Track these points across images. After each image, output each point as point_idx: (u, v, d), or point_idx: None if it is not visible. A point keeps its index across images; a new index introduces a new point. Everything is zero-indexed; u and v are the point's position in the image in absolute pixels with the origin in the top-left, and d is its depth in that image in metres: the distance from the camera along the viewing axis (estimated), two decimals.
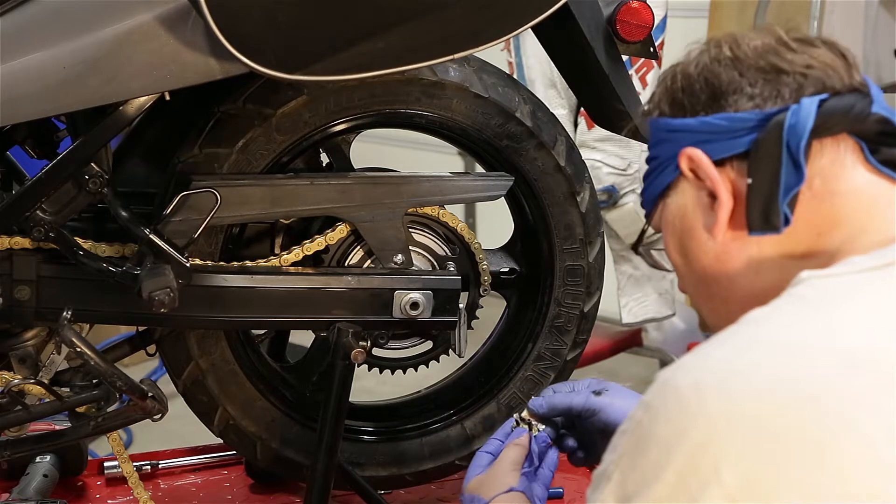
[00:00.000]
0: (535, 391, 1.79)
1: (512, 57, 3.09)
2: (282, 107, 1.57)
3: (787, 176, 0.90)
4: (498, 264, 1.79)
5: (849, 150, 0.92)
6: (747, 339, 0.83)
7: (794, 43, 0.94)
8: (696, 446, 0.78)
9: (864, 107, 0.91)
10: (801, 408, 0.76)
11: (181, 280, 1.49)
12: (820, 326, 0.81)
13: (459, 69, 1.64)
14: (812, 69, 0.92)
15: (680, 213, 1.00)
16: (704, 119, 0.95)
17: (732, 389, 0.78)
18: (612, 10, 1.57)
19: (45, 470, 1.85)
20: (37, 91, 1.35)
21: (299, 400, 1.77)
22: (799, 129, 0.89)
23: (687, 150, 0.96)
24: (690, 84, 0.96)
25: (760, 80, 0.93)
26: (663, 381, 0.83)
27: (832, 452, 0.75)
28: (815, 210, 0.92)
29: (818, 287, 0.86)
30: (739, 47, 0.94)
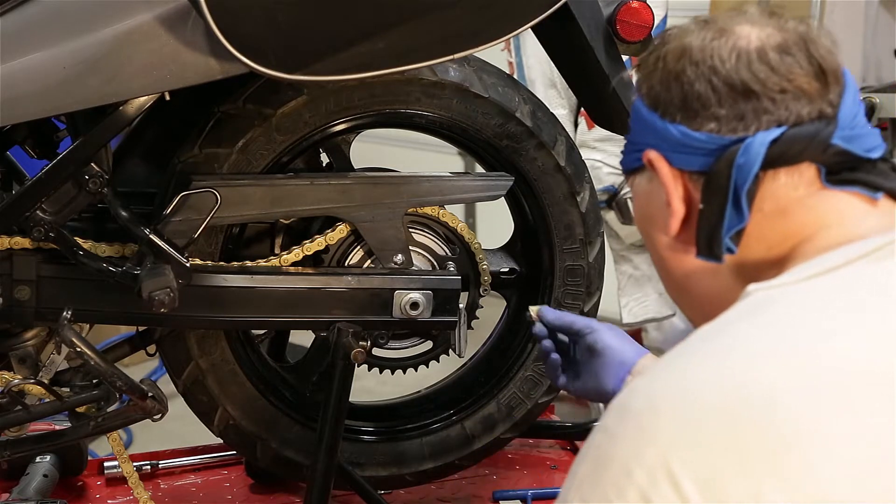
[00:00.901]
0: (535, 391, 1.80)
1: (512, 57, 3.09)
2: (282, 107, 1.57)
3: (731, 215, 0.92)
4: (498, 264, 1.79)
5: (804, 173, 0.93)
6: (697, 356, 0.85)
7: (775, 54, 0.92)
8: (655, 464, 0.79)
9: (824, 137, 0.91)
10: (752, 419, 0.78)
11: (181, 280, 1.49)
12: (766, 337, 0.83)
13: (459, 69, 1.64)
14: (784, 93, 0.92)
15: (645, 197, 1.02)
16: (669, 125, 0.95)
17: (685, 406, 0.80)
18: (612, 10, 1.57)
19: (45, 470, 1.85)
20: (37, 91, 1.35)
21: (299, 400, 1.77)
22: (745, 171, 0.91)
23: (649, 153, 0.97)
24: (667, 81, 0.96)
25: (729, 100, 0.92)
26: (618, 404, 0.84)
27: (784, 460, 0.77)
28: (766, 227, 0.93)
29: (765, 298, 0.87)
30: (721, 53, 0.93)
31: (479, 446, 1.82)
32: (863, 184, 0.93)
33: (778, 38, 0.93)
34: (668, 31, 0.99)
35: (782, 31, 0.93)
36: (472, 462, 1.84)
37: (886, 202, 0.94)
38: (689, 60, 0.94)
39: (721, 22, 0.95)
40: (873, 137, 0.95)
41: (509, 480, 1.97)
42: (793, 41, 0.93)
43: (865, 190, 0.93)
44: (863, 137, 0.94)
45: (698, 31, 0.95)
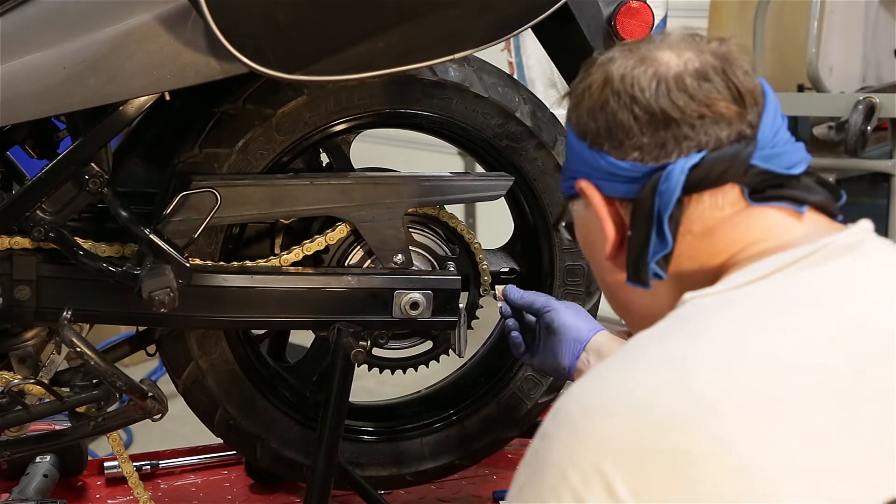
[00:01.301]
0: (535, 391, 1.80)
1: (512, 57, 3.09)
2: (282, 107, 1.57)
3: (655, 241, 0.95)
4: (498, 264, 1.79)
5: (728, 193, 0.95)
6: (631, 361, 0.87)
7: (693, 80, 0.94)
8: (588, 467, 0.81)
9: (744, 159, 0.94)
10: (680, 424, 0.80)
11: (181, 280, 1.49)
12: (699, 343, 0.85)
13: (459, 69, 1.64)
14: (703, 119, 0.94)
15: (583, 222, 1.05)
16: (596, 154, 0.98)
17: (618, 411, 0.82)
18: (612, 10, 1.58)
19: (45, 470, 1.85)
20: (37, 91, 1.35)
21: (299, 400, 1.77)
22: (666, 197, 0.93)
23: (580, 182, 1.00)
24: (593, 111, 0.98)
25: (651, 128, 0.95)
26: (556, 409, 0.86)
27: (710, 466, 0.78)
28: (698, 247, 0.96)
29: (699, 306, 0.90)
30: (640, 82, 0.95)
31: (479, 446, 1.82)
32: (787, 199, 0.95)
33: (696, 64, 0.95)
34: (594, 58, 1.02)
35: (701, 56, 0.96)
36: (472, 462, 1.84)
37: (812, 214, 0.96)
38: (611, 90, 0.97)
39: (643, 49, 0.98)
40: (796, 153, 0.97)
41: (509, 480, 1.95)
42: (711, 66, 0.95)
43: (790, 204, 0.95)
44: (784, 155, 0.96)
45: (621, 59, 0.98)
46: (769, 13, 3.79)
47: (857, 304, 0.88)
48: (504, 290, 1.56)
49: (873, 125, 3.38)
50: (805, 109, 3.86)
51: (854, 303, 0.88)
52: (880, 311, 0.88)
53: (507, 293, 1.55)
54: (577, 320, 1.46)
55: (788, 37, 4.14)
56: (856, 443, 0.81)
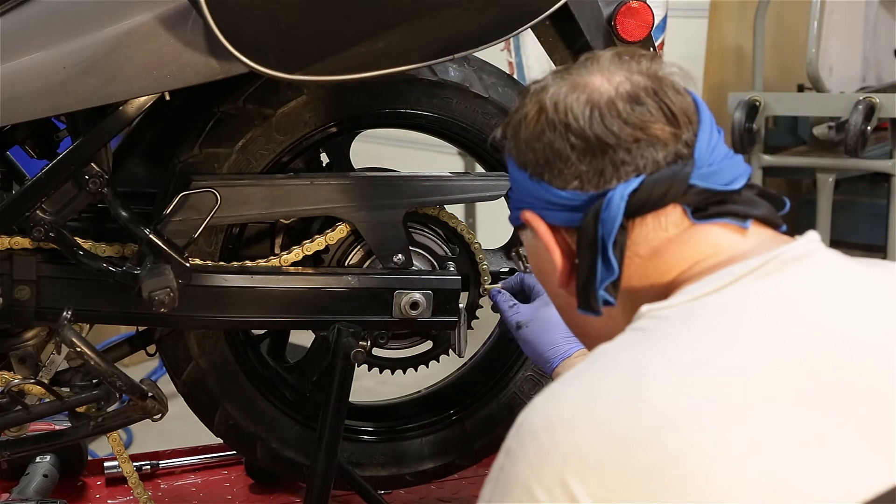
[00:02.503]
0: (535, 391, 1.80)
1: (512, 57, 3.09)
2: (282, 107, 1.57)
3: (602, 270, 0.95)
4: (498, 264, 1.79)
5: (670, 214, 0.96)
6: (592, 375, 0.87)
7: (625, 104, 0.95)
8: (552, 481, 0.82)
9: (682, 179, 0.94)
10: (640, 438, 0.80)
11: (181, 280, 1.49)
12: (657, 356, 0.86)
13: (459, 69, 1.64)
14: (638, 143, 0.94)
15: (533, 251, 1.05)
16: (537, 185, 0.98)
17: (580, 426, 0.83)
18: (612, 9, 1.57)
19: (45, 470, 1.85)
20: (37, 91, 1.35)
21: (299, 400, 1.77)
22: (609, 224, 0.94)
23: (525, 213, 1.00)
24: (530, 141, 0.98)
25: (588, 156, 0.95)
26: (519, 424, 0.87)
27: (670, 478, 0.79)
28: (645, 268, 0.97)
29: (656, 318, 0.91)
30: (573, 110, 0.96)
31: (479, 446, 1.82)
32: (730, 214, 0.96)
33: (627, 87, 0.96)
34: (528, 87, 1.02)
35: (632, 78, 0.96)
36: (472, 462, 1.84)
37: (757, 228, 0.97)
38: (546, 119, 0.97)
39: (575, 74, 0.98)
40: (734, 168, 0.97)
41: None
42: (642, 87, 0.95)
43: (734, 220, 0.96)
44: (722, 171, 0.96)
45: (554, 87, 0.98)
46: (769, 13, 3.79)
47: (813, 312, 0.88)
48: (490, 294, 1.58)
49: (873, 125, 3.39)
50: (805, 109, 3.86)
51: (809, 311, 0.88)
52: (835, 318, 0.88)
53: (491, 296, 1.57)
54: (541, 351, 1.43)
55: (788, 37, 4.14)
56: (817, 450, 0.81)
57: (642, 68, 0.97)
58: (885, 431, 0.83)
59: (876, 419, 0.83)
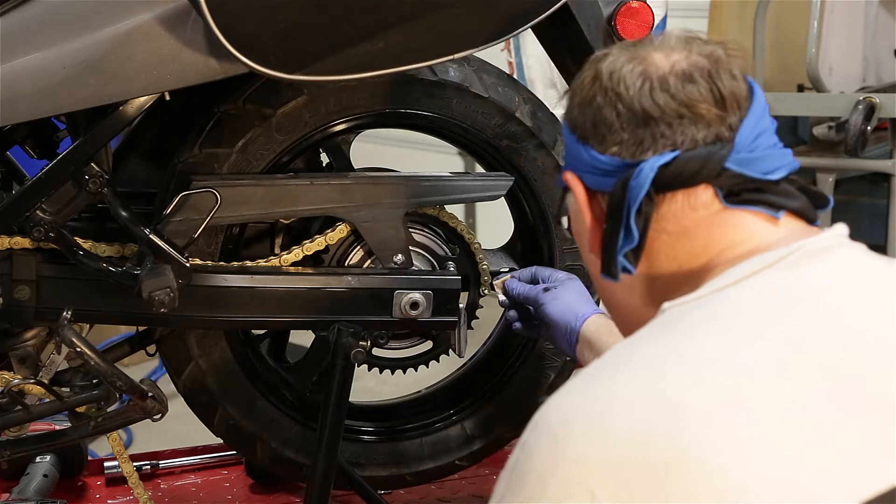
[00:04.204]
0: (536, 391, 1.80)
1: (512, 57, 3.09)
2: (282, 107, 1.57)
3: (623, 236, 0.97)
4: (498, 264, 1.79)
5: (701, 195, 0.96)
6: (611, 373, 0.88)
7: (676, 80, 0.96)
8: (567, 475, 0.82)
9: (717, 162, 0.95)
10: (657, 434, 0.81)
11: (181, 280, 1.49)
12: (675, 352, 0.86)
13: (459, 69, 1.64)
14: (681, 119, 0.95)
15: (573, 215, 1.07)
16: (582, 148, 1.00)
17: (597, 423, 0.83)
18: (612, 10, 1.58)
19: (45, 470, 1.85)
20: (37, 91, 1.35)
21: (299, 400, 1.77)
22: (634, 193, 0.95)
23: (567, 174, 1.03)
24: (582, 105, 1.01)
25: (631, 125, 0.96)
26: (536, 421, 0.88)
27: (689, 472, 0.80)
28: (672, 246, 0.97)
29: (678, 314, 0.91)
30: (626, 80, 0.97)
31: (479, 446, 1.82)
32: (763, 203, 0.96)
33: (683, 65, 0.96)
34: (596, 55, 1.03)
35: (690, 58, 0.97)
36: (472, 462, 1.84)
37: (788, 219, 0.97)
38: (599, 86, 0.99)
39: (638, 48, 1.00)
40: (778, 158, 0.98)
41: None
42: (698, 68, 0.96)
43: (766, 209, 0.96)
44: (763, 160, 0.96)
45: (614, 57, 1.00)
46: (769, 13, 3.79)
47: (830, 307, 0.88)
48: (504, 284, 1.62)
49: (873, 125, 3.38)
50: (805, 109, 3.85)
51: (827, 306, 0.88)
52: (852, 314, 0.88)
53: (508, 286, 1.62)
54: (565, 312, 1.50)
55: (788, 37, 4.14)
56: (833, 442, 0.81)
57: (704, 50, 0.98)
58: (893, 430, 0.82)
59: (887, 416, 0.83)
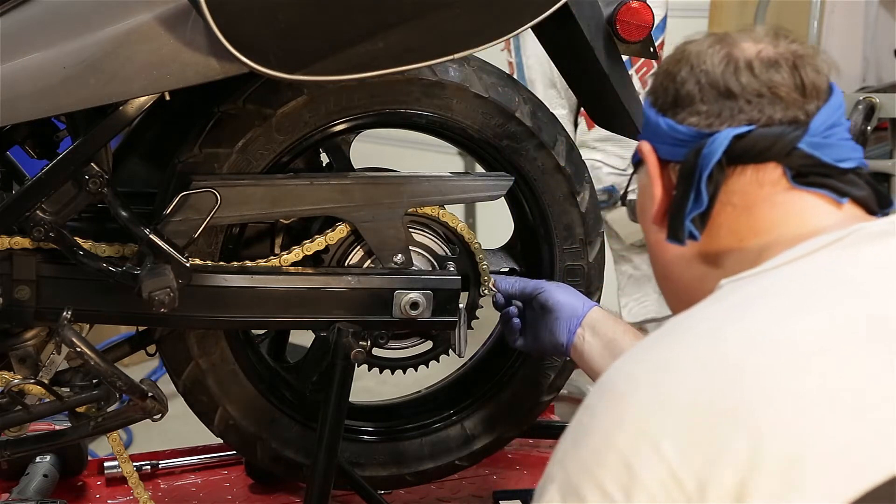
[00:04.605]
0: (536, 391, 1.80)
1: (512, 57, 3.09)
2: (282, 107, 1.57)
3: (692, 200, 1.01)
4: (498, 264, 1.79)
5: (770, 173, 1.00)
6: (671, 339, 0.91)
7: (761, 65, 1.00)
8: (634, 429, 0.85)
9: (790, 141, 0.98)
10: (721, 385, 0.84)
11: (181, 280, 1.49)
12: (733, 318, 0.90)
13: (459, 69, 1.64)
14: (760, 97, 0.99)
15: (642, 188, 1.11)
16: (659, 119, 1.05)
17: (661, 376, 0.87)
18: (612, 10, 1.57)
19: (45, 470, 1.85)
20: (37, 91, 1.35)
21: (299, 400, 1.77)
22: (707, 159, 0.99)
23: (642, 144, 1.07)
24: (666, 80, 1.05)
25: (712, 98, 1.01)
26: (600, 384, 0.91)
27: (751, 422, 0.82)
28: (736, 220, 1.01)
29: (734, 288, 0.95)
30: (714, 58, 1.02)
31: (479, 446, 1.82)
32: (829, 188, 0.99)
33: (770, 53, 1.01)
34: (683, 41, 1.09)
35: (776, 48, 1.01)
36: (472, 462, 1.84)
37: (850, 206, 1.00)
38: (685, 62, 1.04)
39: (727, 36, 1.04)
40: (849, 150, 1.01)
41: (509, 480, 1.97)
42: (783, 57, 1.01)
43: (831, 193, 0.99)
44: (835, 147, 1.00)
45: (702, 40, 1.05)
46: (769, 13, 3.79)
47: (886, 285, 0.90)
48: (494, 282, 1.68)
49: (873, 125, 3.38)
50: None
51: (884, 284, 0.90)
52: None
53: (498, 283, 1.67)
54: (571, 298, 1.56)
55: None
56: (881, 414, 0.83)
57: (791, 45, 1.02)
58: None
59: None
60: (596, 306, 1.57)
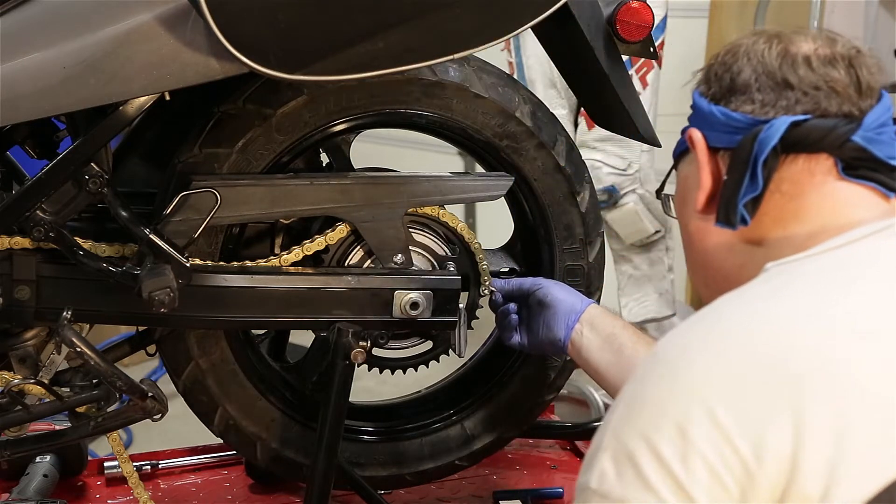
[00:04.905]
0: (536, 391, 1.80)
1: (512, 57, 3.08)
2: (282, 107, 1.57)
3: (748, 183, 1.02)
4: (498, 264, 1.79)
5: (821, 163, 1.02)
6: (720, 312, 0.94)
7: (818, 61, 1.02)
8: (688, 397, 0.86)
9: (843, 133, 1.01)
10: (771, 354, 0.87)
11: (181, 280, 1.49)
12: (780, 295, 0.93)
13: (459, 69, 1.64)
14: (817, 90, 1.02)
15: (684, 179, 1.13)
16: (712, 107, 1.07)
17: (714, 345, 0.89)
18: (612, 10, 1.57)
19: (45, 470, 1.85)
20: (37, 91, 1.35)
21: (299, 400, 1.77)
22: (764, 144, 1.00)
23: (691, 131, 1.09)
24: (721, 71, 1.08)
25: (768, 88, 1.03)
26: (651, 355, 0.93)
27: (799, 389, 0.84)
28: (782, 208, 1.03)
29: (781, 271, 0.98)
30: (771, 51, 1.04)
31: (479, 446, 1.82)
32: (878, 181, 1.01)
33: (826, 52, 1.04)
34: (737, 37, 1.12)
35: (832, 48, 1.04)
36: (472, 462, 1.84)
37: None
38: (741, 55, 1.06)
39: (782, 34, 1.07)
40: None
41: (509, 480, 1.97)
42: (840, 56, 1.03)
43: (880, 187, 1.01)
44: (886, 144, 1.02)
45: (757, 36, 1.07)
46: (769, 13, 3.79)
47: None
48: (490, 284, 1.69)
49: None
50: None
51: None
52: None
53: (494, 282, 1.68)
54: (569, 294, 1.58)
55: None
56: None
57: (847, 47, 1.04)
58: None
59: None
60: (593, 303, 1.58)
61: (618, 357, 1.51)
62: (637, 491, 0.87)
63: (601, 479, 0.90)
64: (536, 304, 1.61)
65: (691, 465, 0.85)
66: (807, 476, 0.83)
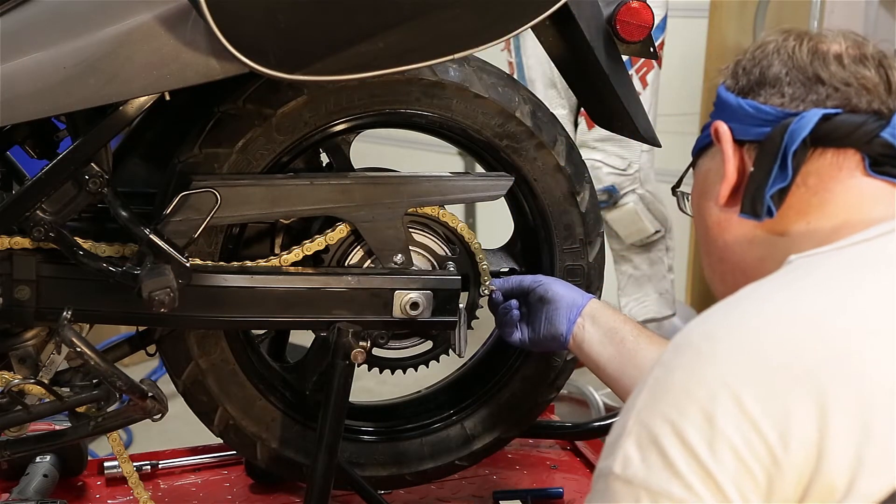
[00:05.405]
0: (536, 391, 1.80)
1: (512, 57, 3.09)
2: (282, 107, 1.57)
3: (777, 174, 1.02)
4: (498, 264, 1.79)
5: (849, 158, 1.02)
6: (745, 301, 0.94)
7: (849, 60, 1.04)
8: (714, 382, 0.86)
9: (872, 129, 1.01)
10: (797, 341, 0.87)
11: (181, 280, 1.49)
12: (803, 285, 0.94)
13: (459, 69, 1.64)
14: (848, 87, 1.03)
15: (704, 173, 1.14)
16: (740, 100, 1.08)
17: (739, 332, 0.89)
18: (612, 10, 1.57)
19: (45, 470, 1.85)
20: (37, 91, 1.35)
21: (299, 400, 1.77)
22: (795, 136, 1.01)
23: (716, 123, 1.09)
24: (750, 66, 1.08)
25: (798, 82, 1.04)
26: (675, 343, 0.93)
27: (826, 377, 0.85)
28: (807, 202, 1.04)
29: (804, 263, 0.98)
30: (801, 48, 1.05)
31: (479, 446, 1.82)
32: None
33: (856, 51, 1.05)
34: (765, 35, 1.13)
35: (862, 48, 1.05)
36: (472, 462, 1.84)
37: None
38: (772, 50, 1.07)
39: (810, 34, 1.08)
40: None
41: (509, 480, 1.97)
42: (870, 55, 1.04)
43: None
44: None
45: (786, 34, 1.08)
46: (769, 13, 3.79)
47: None
48: (490, 284, 1.69)
49: None
50: None
51: None
52: None
53: (493, 282, 1.69)
54: (569, 290, 1.59)
55: None
56: None
57: (876, 48, 1.06)
58: None
59: None
60: (594, 297, 1.59)
61: (619, 350, 1.51)
62: (663, 477, 0.87)
63: (625, 463, 0.89)
64: (537, 300, 1.62)
65: (718, 452, 0.85)
66: (832, 465, 0.83)
